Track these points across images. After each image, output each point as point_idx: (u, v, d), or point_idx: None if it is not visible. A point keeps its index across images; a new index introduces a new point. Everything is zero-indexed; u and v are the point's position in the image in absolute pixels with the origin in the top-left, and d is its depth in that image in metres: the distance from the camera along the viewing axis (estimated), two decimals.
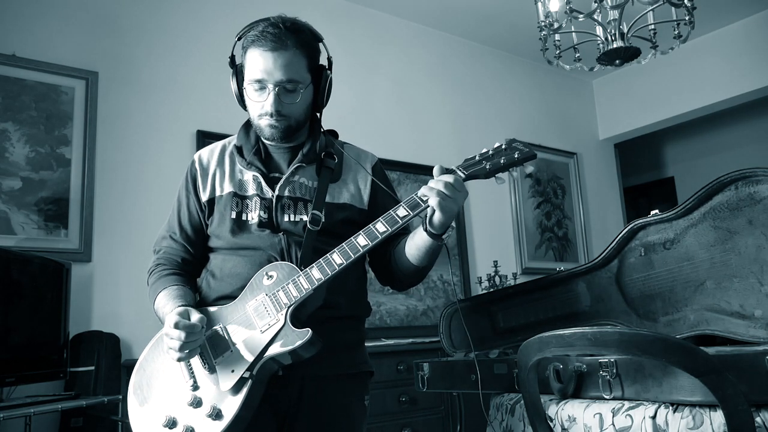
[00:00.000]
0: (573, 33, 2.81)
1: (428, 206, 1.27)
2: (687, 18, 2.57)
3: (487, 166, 1.30)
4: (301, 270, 1.29)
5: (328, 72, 1.45)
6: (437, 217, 1.27)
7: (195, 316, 1.27)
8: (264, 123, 1.39)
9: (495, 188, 4.21)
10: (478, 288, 3.89)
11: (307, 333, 1.24)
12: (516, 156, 1.29)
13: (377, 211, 1.42)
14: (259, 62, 1.35)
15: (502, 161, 1.30)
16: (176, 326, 1.23)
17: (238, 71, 1.43)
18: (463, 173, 1.30)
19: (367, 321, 1.53)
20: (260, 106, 1.38)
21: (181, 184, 1.52)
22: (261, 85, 1.36)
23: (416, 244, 1.37)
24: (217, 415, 1.24)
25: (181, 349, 1.24)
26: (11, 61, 2.72)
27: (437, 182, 1.26)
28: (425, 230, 1.32)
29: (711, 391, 1.02)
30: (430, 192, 1.25)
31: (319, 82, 1.44)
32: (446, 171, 1.30)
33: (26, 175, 2.69)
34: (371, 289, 1.56)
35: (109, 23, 3.04)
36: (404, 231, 1.38)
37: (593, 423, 1.43)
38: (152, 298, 1.42)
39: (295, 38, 1.37)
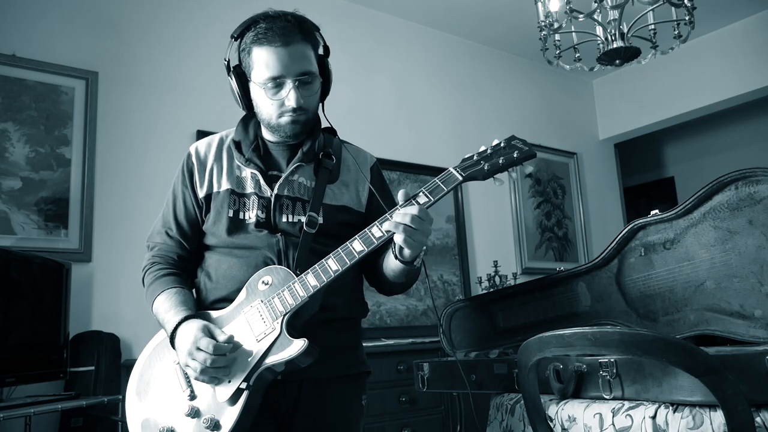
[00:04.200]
0: (573, 33, 2.81)
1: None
2: (687, 18, 2.57)
3: (486, 167, 1.26)
4: (297, 275, 1.26)
5: (328, 61, 1.43)
6: (407, 252, 1.26)
7: (221, 336, 1.24)
8: (285, 120, 1.35)
9: (495, 188, 4.21)
10: (478, 288, 3.88)
11: (303, 343, 1.21)
12: (515, 155, 1.26)
13: (374, 214, 1.40)
14: (272, 59, 1.31)
15: (501, 161, 1.26)
16: (199, 347, 1.21)
17: (239, 73, 1.38)
18: (461, 175, 1.26)
19: (367, 321, 1.53)
20: (279, 104, 1.33)
21: (176, 177, 1.48)
22: (278, 82, 1.32)
23: (391, 267, 1.35)
24: (215, 426, 1.22)
25: (203, 372, 1.22)
26: (11, 61, 2.72)
27: (404, 216, 1.20)
28: (397, 259, 1.30)
29: (711, 391, 1.02)
30: (396, 228, 1.21)
31: (324, 72, 1.41)
32: (409, 197, 1.25)
33: (26, 175, 2.69)
34: (371, 289, 1.55)
35: (109, 23, 3.04)
36: None
37: (593, 423, 1.43)
38: (150, 299, 1.39)
39: (300, 29, 1.34)
